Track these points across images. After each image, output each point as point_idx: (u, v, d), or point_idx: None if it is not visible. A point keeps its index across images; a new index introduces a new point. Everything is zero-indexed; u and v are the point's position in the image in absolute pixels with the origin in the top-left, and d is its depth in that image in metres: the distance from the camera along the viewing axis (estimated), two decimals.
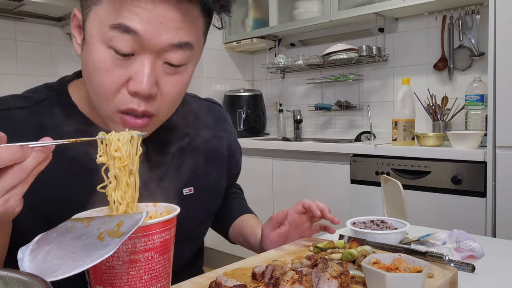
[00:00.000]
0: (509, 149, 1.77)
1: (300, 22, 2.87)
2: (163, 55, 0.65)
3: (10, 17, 2.67)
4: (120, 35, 0.62)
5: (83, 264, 0.46)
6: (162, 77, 0.67)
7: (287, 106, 3.32)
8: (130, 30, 0.62)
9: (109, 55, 0.64)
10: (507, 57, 1.76)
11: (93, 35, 0.65)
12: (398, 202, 1.13)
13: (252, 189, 2.86)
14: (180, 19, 0.64)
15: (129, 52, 0.63)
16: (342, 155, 2.33)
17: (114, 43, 0.63)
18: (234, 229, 1.06)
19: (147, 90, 0.64)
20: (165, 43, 0.64)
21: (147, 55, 0.64)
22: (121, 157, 0.58)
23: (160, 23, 0.62)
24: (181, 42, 0.65)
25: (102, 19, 0.63)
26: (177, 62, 0.67)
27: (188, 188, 0.87)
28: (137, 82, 0.64)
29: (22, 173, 0.51)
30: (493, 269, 0.80)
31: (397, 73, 2.75)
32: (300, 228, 0.95)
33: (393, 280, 0.60)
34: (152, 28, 0.62)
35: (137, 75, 0.64)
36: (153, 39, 0.63)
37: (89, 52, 0.66)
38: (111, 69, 0.64)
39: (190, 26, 0.66)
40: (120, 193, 0.58)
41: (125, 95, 0.66)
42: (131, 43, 0.63)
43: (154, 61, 0.65)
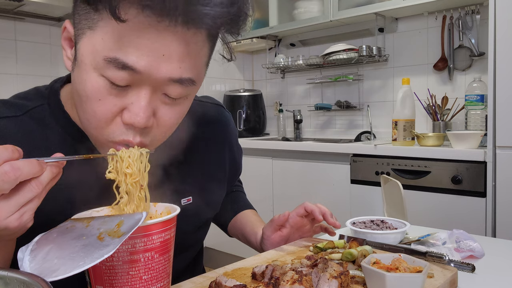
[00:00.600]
0: (509, 149, 1.77)
1: (300, 22, 2.87)
2: (162, 87, 0.60)
3: (10, 17, 2.67)
4: (115, 69, 0.56)
5: (83, 264, 0.46)
6: (160, 107, 0.62)
7: (287, 106, 3.32)
8: (127, 67, 0.56)
9: (102, 84, 0.58)
10: (507, 57, 1.76)
11: (86, 61, 0.59)
12: (398, 202, 1.13)
13: (252, 189, 2.86)
14: (183, 51, 0.58)
15: (125, 85, 0.58)
16: (342, 155, 2.33)
17: (108, 75, 0.57)
18: (233, 225, 1.06)
19: (143, 122, 0.59)
20: (165, 77, 0.58)
21: (144, 87, 0.59)
22: (132, 173, 0.59)
23: (162, 55, 0.56)
24: (182, 78, 0.59)
25: (97, 47, 0.57)
26: (176, 96, 0.62)
27: (186, 198, 0.84)
28: (132, 114, 0.59)
29: (38, 188, 0.51)
30: (493, 269, 0.80)
31: (397, 73, 2.75)
32: (301, 230, 0.95)
33: (393, 280, 0.60)
34: (152, 62, 0.56)
35: (133, 106, 0.59)
36: (152, 74, 0.57)
37: (80, 77, 0.60)
38: (105, 98, 0.59)
39: (193, 60, 0.60)
40: (133, 207, 0.60)
41: (119, 125, 0.61)
42: (128, 77, 0.57)
43: (152, 92, 0.60)
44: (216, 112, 0.95)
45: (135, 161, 0.60)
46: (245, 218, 1.04)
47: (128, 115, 0.59)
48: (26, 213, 0.51)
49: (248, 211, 1.07)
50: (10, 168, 0.48)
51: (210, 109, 0.94)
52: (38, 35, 2.83)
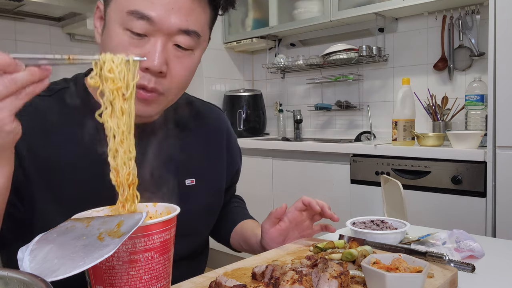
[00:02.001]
0: (509, 149, 1.77)
1: (300, 22, 2.87)
2: (173, 38, 0.73)
3: (10, 17, 2.67)
4: (135, 19, 0.71)
5: (83, 264, 0.46)
6: (172, 58, 0.75)
7: (287, 106, 3.32)
8: (144, 16, 0.70)
9: (125, 36, 0.72)
10: (507, 57, 1.76)
11: (112, 19, 0.74)
12: (398, 202, 1.13)
13: (252, 189, 2.86)
14: (189, 7, 0.73)
15: (143, 33, 0.72)
16: (342, 155, 2.33)
17: (130, 26, 0.71)
18: (235, 235, 1.06)
19: (158, 67, 0.72)
20: (175, 27, 0.72)
21: (159, 37, 0.72)
22: (114, 79, 0.55)
23: (171, 8, 0.71)
24: (189, 29, 0.74)
25: (121, 5, 0.72)
26: (185, 45, 0.75)
27: (190, 179, 0.90)
28: (149, 60, 0.71)
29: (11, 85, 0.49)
30: (493, 269, 0.80)
31: (397, 73, 2.75)
32: (300, 226, 0.95)
33: (393, 280, 0.60)
34: (164, 13, 0.71)
35: (149, 54, 0.72)
36: (164, 23, 0.71)
37: (108, 34, 0.74)
38: (127, 48, 0.72)
39: (198, 15, 0.75)
40: (116, 121, 0.56)
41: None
42: (145, 26, 0.71)
43: (165, 43, 0.73)
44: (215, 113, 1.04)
45: (118, 65, 0.55)
46: (246, 224, 1.05)
47: (145, 62, 0.71)
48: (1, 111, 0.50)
49: (248, 220, 1.08)
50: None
51: (211, 110, 1.04)
52: (38, 35, 2.83)
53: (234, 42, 3.29)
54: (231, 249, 1.10)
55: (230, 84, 3.47)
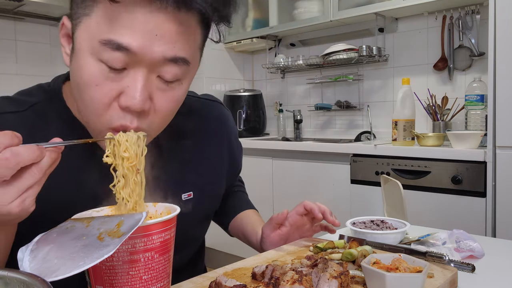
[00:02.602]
0: (509, 149, 1.77)
1: (300, 22, 2.87)
2: (157, 69, 0.62)
3: (10, 17, 2.67)
4: (110, 50, 0.58)
5: (83, 264, 0.46)
6: (155, 92, 0.63)
7: (287, 106, 3.32)
8: (122, 47, 0.58)
9: (99, 69, 0.60)
10: (507, 57, 1.76)
11: (83, 47, 0.61)
12: (398, 202, 1.13)
13: (252, 189, 2.85)
14: (176, 31, 0.60)
15: (121, 67, 0.60)
16: (342, 155, 2.33)
17: (104, 58, 0.59)
18: (234, 225, 1.06)
19: (139, 105, 0.61)
20: (160, 56, 0.60)
21: (140, 69, 0.60)
22: (129, 157, 0.59)
23: (155, 35, 0.58)
24: (177, 56, 0.61)
25: (93, 32, 0.59)
26: (171, 77, 0.63)
27: (187, 193, 0.85)
28: (129, 97, 0.60)
29: (39, 173, 0.51)
30: (493, 269, 0.80)
31: (397, 73, 2.75)
32: (301, 229, 0.95)
33: (393, 280, 0.60)
34: (146, 42, 0.58)
35: (129, 89, 0.60)
36: (147, 53, 0.59)
37: (78, 64, 0.62)
38: (102, 83, 0.60)
39: (186, 40, 0.62)
40: (128, 191, 0.60)
41: (116, 110, 0.62)
42: (123, 59, 0.59)
43: (148, 75, 0.61)
44: (214, 109, 0.96)
45: (132, 145, 0.60)
46: (246, 218, 1.04)
47: (124, 98, 0.61)
48: (27, 199, 0.51)
49: (249, 211, 1.07)
50: (10, 154, 0.48)
51: (209, 106, 0.96)
52: (38, 35, 2.83)
53: (234, 42, 3.29)
54: (228, 233, 1.10)
55: (230, 84, 3.47)
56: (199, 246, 0.98)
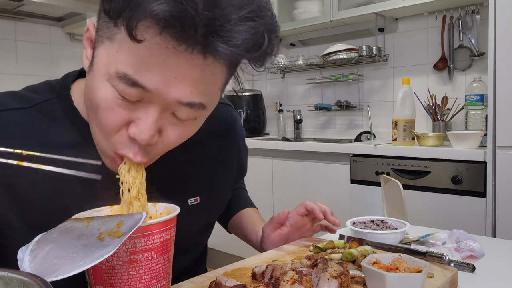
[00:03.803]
0: (509, 149, 1.77)
1: (300, 22, 2.87)
2: (171, 108, 0.58)
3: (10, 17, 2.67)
4: (125, 85, 0.55)
5: (83, 264, 0.46)
6: (166, 126, 0.60)
7: (287, 106, 3.32)
8: (138, 85, 0.55)
9: (112, 95, 0.57)
10: (507, 57, 1.76)
11: (99, 70, 0.58)
12: (398, 202, 1.13)
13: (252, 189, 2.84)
14: (197, 76, 0.55)
15: (134, 100, 0.57)
16: (342, 155, 2.33)
17: (119, 89, 0.56)
18: (234, 222, 1.06)
19: (146, 140, 0.58)
20: (175, 99, 0.56)
21: (153, 105, 0.57)
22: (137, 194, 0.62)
23: (174, 77, 0.54)
24: (193, 102, 0.58)
25: (111, 59, 0.56)
26: (185, 118, 0.60)
27: (194, 198, 0.83)
28: (138, 130, 0.58)
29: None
30: (493, 269, 0.80)
31: (397, 73, 2.75)
32: (301, 229, 0.95)
33: (393, 280, 0.60)
34: (163, 84, 0.55)
35: (140, 121, 0.58)
36: (162, 95, 0.56)
37: (93, 83, 0.59)
38: (113, 109, 0.58)
39: (206, 85, 0.58)
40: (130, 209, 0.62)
41: (123, 137, 0.60)
42: (138, 94, 0.56)
43: (161, 111, 0.58)
44: (225, 112, 0.93)
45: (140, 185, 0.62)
46: (246, 217, 1.04)
47: (133, 129, 0.58)
48: None
49: (249, 209, 1.07)
50: None
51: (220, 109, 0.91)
52: (38, 35, 2.83)
53: None
54: (227, 231, 1.10)
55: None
56: (201, 250, 0.97)
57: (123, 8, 0.51)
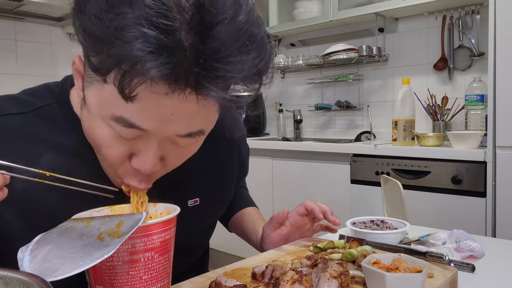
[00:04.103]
0: (509, 149, 1.77)
1: (300, 22, 2.87)
2: (170, 138, 0.59)
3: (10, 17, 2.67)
4: (122, 127, 0.55)
5: (83, 264, 0.46)
6: (168, 153, 0.61)
7: (287, 106, 3.32)
8: (134, 126, 0.54)
9: (110, 133, 0.57)
10: (507, 57, 1.76)
11: (93, 110, 0.58)
12: (398, 202, 1.13)
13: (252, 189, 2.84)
14: (192, 110, 0.55)
15: (132, 138, 0.57)
16: (342, 155, 2.33)
17: (115, 129, 0.56)
18: (235, 222, 1.06)
19: (149, 170, 0.60)
20: (173, 134, 0.57)
21: (153, 138, 0.57)
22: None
23: (170, 115, 0.54)
24: (191, 132, 0.58)
25: (104, 101, 0.55)
26: (184, 145, 0.61)
27: (193, 199, 0.83)
28: (140, 161, 0.59)
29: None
30: (493, 269, 0.80)
31: (397, 73, 2.75)
32: (301, 229, 0.95)
33: (393, 280, 0.60)
34: (160, 123, 0.55)
35: (141, 154, 0.59)
36: (160, 133, 0.56)
37: (89, 121, 0.60)
38: (113, 146, 0.58)
39: (203, 114, 0.57)
40: None
41: (128, 168, 0.61)
42: (134, 133, 0.56)
43: (160, 142, 0.59)
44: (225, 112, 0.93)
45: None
46: (247, 216, 1.04)
47: (136, 161, 0.60)
48: None
49: (250, 209, 1.07)
50: None
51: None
52: (38, 35, 2.83)
53: None
54: (227, 229, 1.10)
55: None
56: (203, 252, 0.97)
57: (112, 67, 0.50)
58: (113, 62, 0.49)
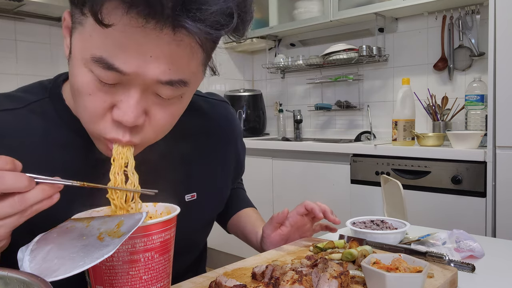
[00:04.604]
0: (509, 149, 1.77)
1: (300, 22, 2.87)
2: (152, 87, 0.57)
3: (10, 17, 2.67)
4: (101, 68, 0.54)
5: (83, 264, 0.46)
6: (152, 107, 0.59)
7: (287, 106, 3.32)
8: (113, 68, 0.54)
9: (91, 79, 0.56)
10: (507, 57, 1.76)
11: (76, 55, 0.57)
12: (398, 202, 1.13)
13: (252, 189, 2.85)
14: (173, 53, 0.54)
15: (112, 83, 0.56)
16: (342, 155, 2.33)
17: (96, 73, 0.55)
18: (233, 223, 1.06)
19: (131, 121, 0.57)
20: (153, 79, 0.55)
21: (133, 86, 0.56)
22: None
23: (149, 56, 0.53)
24: (172, 80, 0.56)
25: (85, 43, 0.55)
26: (168, 97, 0.59)
27: (191, 194, 0.83)
28: (121, 112, 0.57)
29: (20, 204, 0.49)
30: (493, 269, 0.80)
31: (397, 73, 2.75)
32: (301, 229, 0.95)
33: (393, 280, 0.60)
34: (139, 64, 0.54)
35: (122, 103, 0.57)
36: (140, 76, 0.55)
37: (72, 70, 0.59)
38: (94, 93, 0.57)
39: (185, 61, 0.56)
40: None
41: (109, 121, 0.59)
42: (115, 77, 0.55)
43: (142, 91, 0.57)
44: (222, 109, 0.93)
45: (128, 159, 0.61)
46: (246, 217, 1.04)
47: (117, 112, 0.58)
48: (1, 228, 0.49)
49: (248, 210, 1.07)
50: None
51: (217, 106, 0.92)
52: (38, 35, 2.83)
53: (234, 42, 3.28)
54: (226, 231, 1.10)
55: (230, 84, 3.47)
56: (200, 250, 0.97)
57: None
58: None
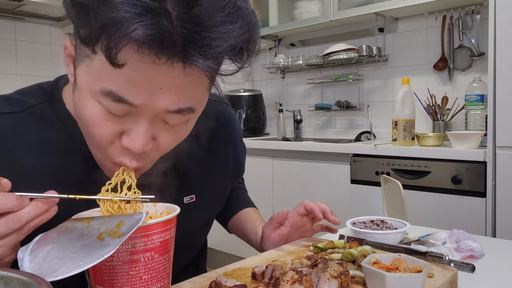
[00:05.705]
0: (509, 149, 1.77)
1: (300, 22, 2.87)
2: (160, 116, 0.58)
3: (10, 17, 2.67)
4: (111, 101, 0.55)
5: (83, 264, 0.46)
6: (159, 133, 0.60)
7: (287, 106, 3.32)
8: (123, 101, 0.54)
9: (100, 111, 0.57)
10: (507, 57, 1.76)
11: (83, 87, 0.57)
12: (398, 202, 1.13)
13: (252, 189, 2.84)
14: (181, 83, 0.55)
15: (122, 114, 0.57)
16: (342, 155, 2.33)
17: (105, 105, 0.56)
18: (234, 222, 1.06)
19: (140, 149, 0.58)
20: (163, 109, 0.56)
21: (143, 115, 0.57)
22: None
23: (159, 88, 0.54)
24: (181, 108, 0.57)
25: (94, 77, 0.55)
26: (175, 124, 0.60)
27: (189, 196, 0.83)
28: (130, 140, 0.58)
29: (15, 224, 0.50)
30: (493, 269, 0.80)
31: (397, 73, 2.75)
32: (301, 229, 0.95)
33: (393, 280, 0.60)
34: (149, 97, 0.54)
35: (131, 131, 0.58)
36: (149, 107, 0.56)
37: (79, 100, 0.59)
38: (103, 124, 0.58)
39: (192, 89, 0.57)
40: None
41: (118, 147, 0.60)
42: (124, 109, 0.56)
43: (151, 120, 0.58)
44: (221, 110, 0.93)
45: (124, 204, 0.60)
46: (246, 217, 1.04)
47: (126, 140, 0.59)
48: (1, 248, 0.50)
49: (249, 209, 1.07)
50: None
51: (215, 107, 0.92)
52: (38, 35, 2.84)
53: None
54: (227, 231, 1.10)
55: (229, 84, 3.46)
56: (200, 249, 0.97)
57: (99, 35, 0.50)
58: (100, 28, 0.49)
